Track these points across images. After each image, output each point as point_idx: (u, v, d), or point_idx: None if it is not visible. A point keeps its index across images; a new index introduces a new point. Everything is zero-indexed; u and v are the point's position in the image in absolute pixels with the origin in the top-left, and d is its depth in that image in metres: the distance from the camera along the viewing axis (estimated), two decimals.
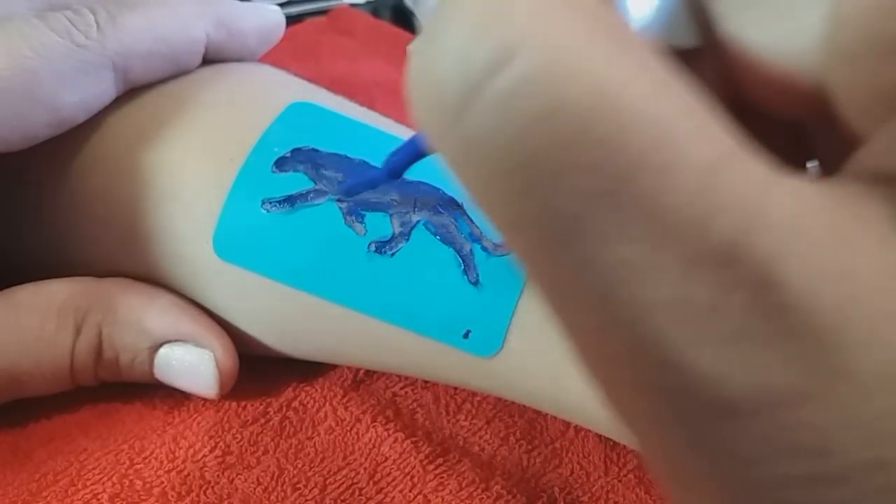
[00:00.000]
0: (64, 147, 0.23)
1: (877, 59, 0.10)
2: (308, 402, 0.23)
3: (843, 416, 0.08)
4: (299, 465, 0.21)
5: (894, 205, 0.09)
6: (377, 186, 0.21)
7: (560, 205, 0.08)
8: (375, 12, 0.51)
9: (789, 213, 0.08)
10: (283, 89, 0.24)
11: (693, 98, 0.09)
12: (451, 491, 0.21)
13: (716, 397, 0.08)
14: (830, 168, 0.11)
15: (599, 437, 0.22)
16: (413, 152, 0.19)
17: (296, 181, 0.22)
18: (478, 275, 0.21)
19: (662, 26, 0.12)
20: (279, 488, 0.21)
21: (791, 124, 0.13)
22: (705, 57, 0.13)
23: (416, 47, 0.09)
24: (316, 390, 0.23)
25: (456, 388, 0.24)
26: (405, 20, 0.50)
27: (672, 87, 0.09)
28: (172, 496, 0.20)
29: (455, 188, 0.22)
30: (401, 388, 0.24)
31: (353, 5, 0.50)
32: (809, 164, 0.14)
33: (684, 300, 0.08)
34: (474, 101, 0.08)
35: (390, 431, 0.22)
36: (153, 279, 0.23)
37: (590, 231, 0.08)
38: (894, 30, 0.09)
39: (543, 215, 0.08)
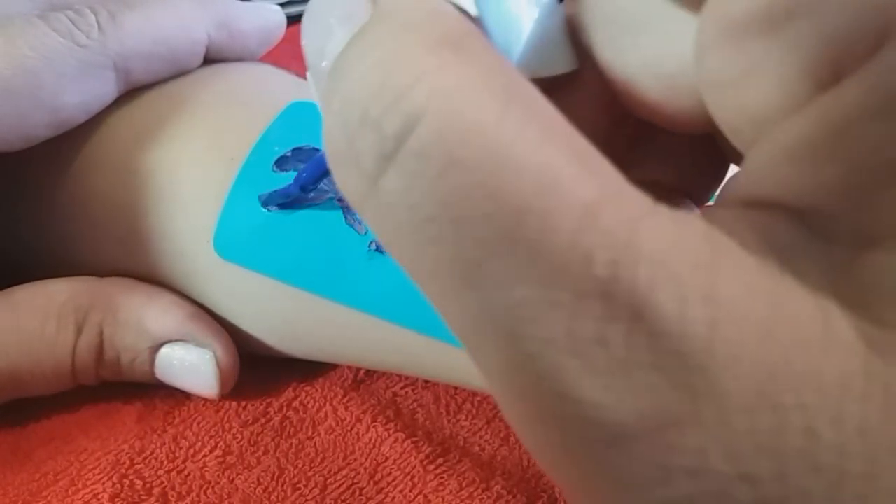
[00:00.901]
0: (64, 147, 0.23)
1: (739, 86, 0.10)
2: (308, 402, 0.23)
3: (712, 435, 0.08)
4: (299, 465, 0.21)
5: (760, 231, 0.09)
6: (292, 198, 0.21)
7: (463, 253, 0.09)
8: None
9: (660, 245, 0.09)
10: (284, 89, 0.24)
11: (578, 141, 0.09)
12: (451, 491, 0.20)
13: (605, 424, 0.09)
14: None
15: None
16: (320, 170, 0.20)
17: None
18: None
19: (541, 55, 0.12)
20: (279, 488, 0.21)
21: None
22: (587, 80, 0.13)
23: (327, 109, 0.10)
24: (316, 390, 0.23)
25: (456, 388, 0.24)
26: None
27: (557, 130, 0.09)
28: (173, 496, 0.20)
29: None
30: (401, 388, 0.24)
31: None
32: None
33: (574, 334, 0.09)
34: (388, 167, 0.09)
35: (391, 431, 0.22)
36: (154, 279, 0.23)
37: (490, 275, 0.09)
38: (747, 56, 0.10)
39: (450, 263, 0.09)
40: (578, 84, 0.13)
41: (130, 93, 0.23)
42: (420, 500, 0.20)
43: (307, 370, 0.24)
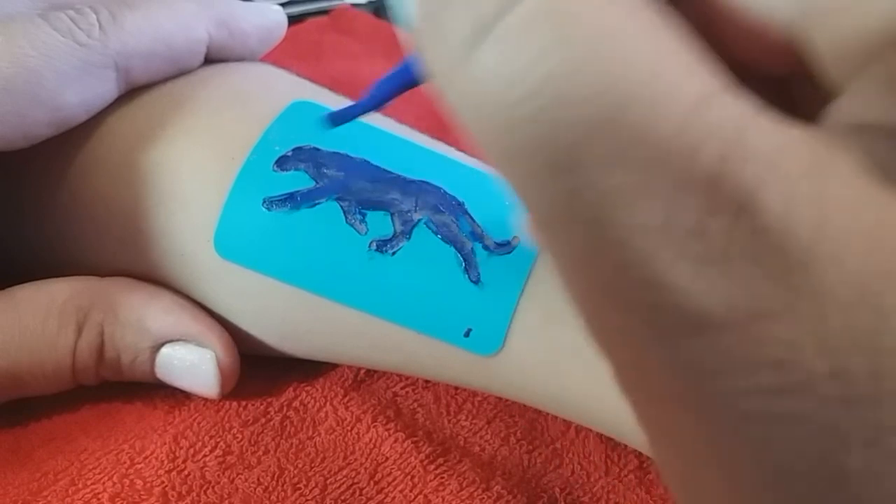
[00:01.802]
0: (65, 147, 0.23)
1: (851, 10, 0.10)
2: (309, 402, 0.23)
3: (806, 329, 0.08)
4: (300, 465, 0.21)
5: (866, 150, 0.09)
6: (362, 114, 0.20)
7: (562, 133, 0.09)
8: (377, 12, 0.51)
9: (768, 144, 0.09)
10: (285, 88, 0.24)
11: (683, 40, 0.09)
12: (451, 491, 0.21)
13: (692, 312, 0.09)
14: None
15: (600, 437, 0.22)
16: (402, 82, 0.19)
17: (297, 180, 0.22)
18: (479, 274, 0.21)
19: None
20: (280, 488, 0.21)
21: (774, 82, 0.13)
22: (688, 9, 0.13)
23: None
24: (316, 390, 0.23)
25: (457, 388, 0.24)
26: None
27: (664, 29, 0.09)
28: (173, 496, 0.20)
29: (456, 188, 0.22)
30: (401, 388, 0.24)
31: (354, 5, 0.50)
32: None
33: (670, 223, 0.09)
34: (484, 39, 0.09)
35: (391, 431, 0.22)
36: (154, 278, 0.23)
37: (587, 158, 0.09)
38: None
39: (544, 143, 0.09)
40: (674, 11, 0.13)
41: (131, 92, 0.23)
42: (420, 500, 0.20)
43: (307, 370, 0.24)
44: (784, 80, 0.13)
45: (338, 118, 0.21)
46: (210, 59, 0.25)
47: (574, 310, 0.10)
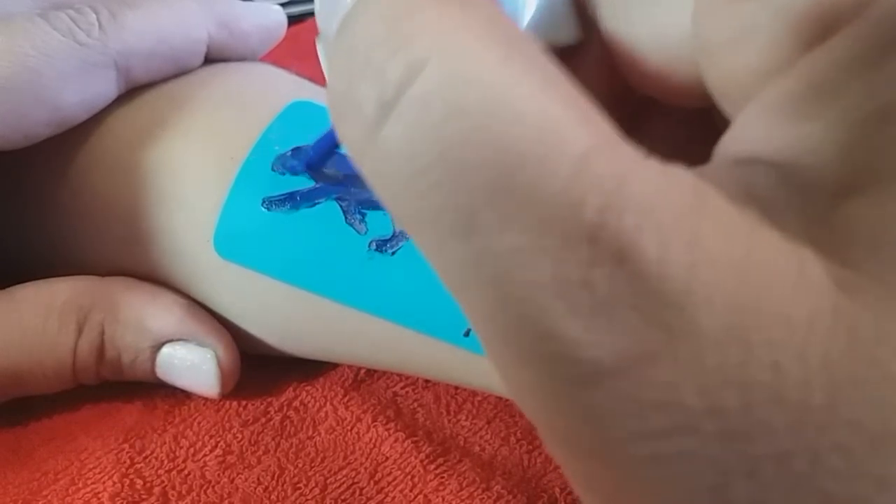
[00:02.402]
0: (65, 146, 0.23)
1: (730, 48, 0.11)
2: (309, 402, 0.23)
3: (684, 370, 0.09)
4: (300, 465, 0.21)
5: (746, 187, 0.10)
6: (297, 174, 0.21)
7: (460, 200, 0.09)
8: None
9: (646, 192, 0.09)
10: (284, 88, 0.24)
11: (574, 91, 0.10)
12: (451, 491, 0.20)
13: (586, 362, 0.09)
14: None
15: None
16: (327, 147, 0.19)
17: (296, 180, 0.22)
18: None
19: (546, 26, 0.13)
20: (280, 488, 0.21)
21: (691, 113, 0.14)
22: (591, 53, 0.14)
23: (332, 62, 0.11)
24: (317, 390, 0.23)
25: (457, 388, 0.24)
26: None
27: (556, 82, 0.10)
28: (173, 495, 0.20)
29: None
30: (401, 388, 0.24)
31: None
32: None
33: (560, 277, 0.09)
34: (389, 114, 0.10)
35: (391, 431, 0.22)
36: (155, 278, 0.23)
37: (484, 222, 0.09)
38: (738, 19, 0.11)
39: (444, 212, 0.09)
40: (582, 58, 0.14)
41: (131, 92, 0.23)
42: (420, 500, 0.20)
43: (307, 370, 0.24)
44: (703, 113, 0.13)
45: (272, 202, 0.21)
46: (210, 59, 0.25)
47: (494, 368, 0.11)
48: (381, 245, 0.21)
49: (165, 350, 0.22)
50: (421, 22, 0.10)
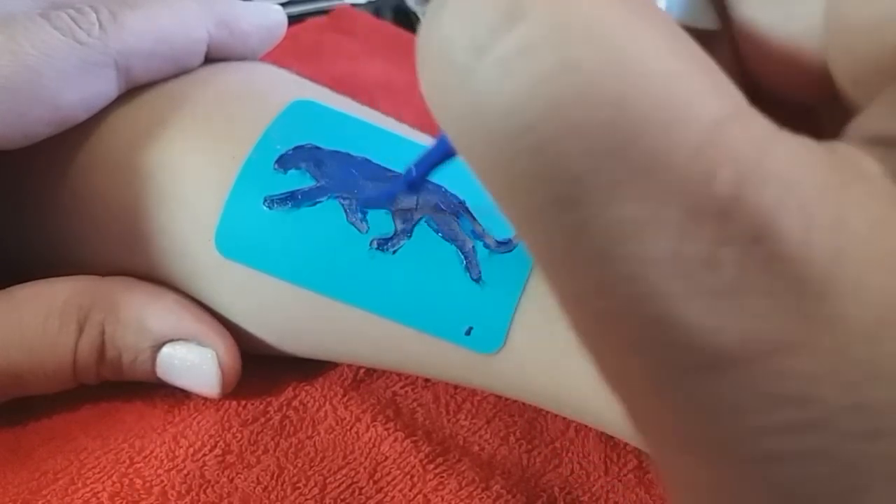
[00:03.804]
0: (65, 146, 0.23)
1: (871, 31, 0.10)
2: (308, 402, 0.23)
3: (826, 363, 0.08)
4: (299, 465, 0.21)
5: (887, 164, 0.09)
6: (395, 197, 0.21)
7: (567, 164, 0.08)
8: (377, 12, 0.51)
9: (786, 168, 0.08)
10: (285, 88, 0.24)
11: (702, 57, 0.09)
12: (450, 490, 0.21)
13: (707, 349, 0.08)
14: None
15: (600, 436, 0.22)
16: (432, 162, 0.19)
17: (298, 179, 0.22)
18: (480, 272, 0.21)
19: (682, 10, 0.12)
20: (279, 487, 0.21)
21: (802, 111, 0.13)
22: (724, 41, 0.13)
23: (427, 11, 0.10)
24: (316, 389, 0.23)
25: (456, 388, 0.24)
26: (407, 20, 0.50)
27: (681, 46, 0.09)
28: (172, 495, 0.20)
29: (457, 186, 0.22)
30: (401, 388, 0.24)
31: (354, 5, 0.50)
32: None
33: (682, 254, 0.08)
34: (482, 60, 0.09)
35: (390, 431, 0.22)
36: (155, 278, 0.23)
37: (594, 189, 0.08)
38: (888, 1, 0.10)
39: (549, 175, 0.09)
40: (714, 47, 0.13)
41: (131, 91, 0.23)
42: (420, 500, 0.20)
43: (307, 369, 0.24)
44: (812, 109, 0.13)
45: (370, 204, 0.21)
46: (210, 59, 0.25)
47: (581, 349, 0.10)
48: (383, 244, 0.21)
49: (166, 350, 0.22)
50: None
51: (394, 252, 0.21)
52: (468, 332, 0.21)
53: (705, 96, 0.09)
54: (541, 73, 0.08)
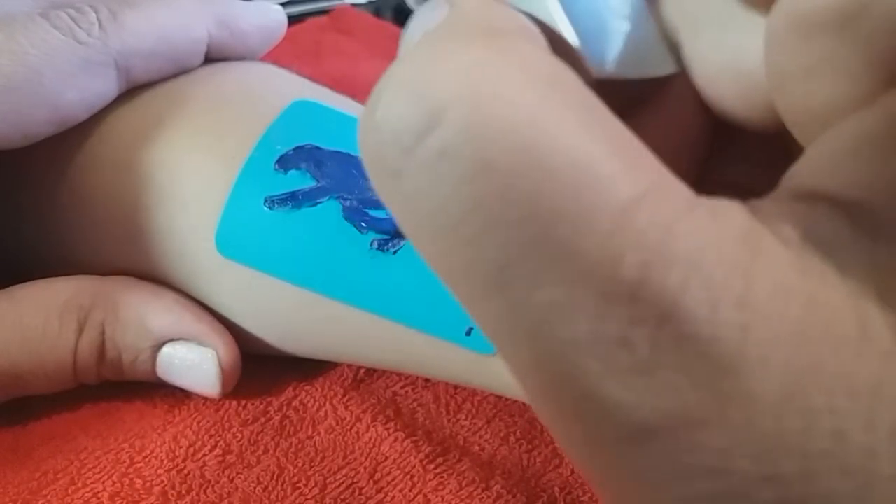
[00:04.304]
0: (65, 146, 0.23)
1: (802, 79, 0.10)
2: (308, 402, 0.23)
3: (736, 437, 0.08)
4: (299, 465, 0.21)
5: (805, 224, 0.09)
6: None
7: (492, 255, 0.09)
8: (377, 12, 0.51)
9: (693, 247, 0.09)
10: (286, 87, 0.24)
11: (620, 132, 0.09)
12: (451, 490, 0.21)
13: (627, 423, 0.09)
14: None
15: None
16: None
17: (298, 179, 0.22)
18: None
19: (637, 60, 0.13)
20: (279, 487, 0.21)
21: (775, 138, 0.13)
22: (686, 80, 0.13)
23: (363, 112, 0.10)
24: (316, 389, 0.23)
25: (456, 388, 0.24)
26: (407, 20, 0.50)
27: (600, 126, 0.09)
28: (172, 495, 0.20)
29: None
30: (401, 388, 0.24)
31: (354, 5, 0.50)
32: None
33: (598, 335, 0.09)
34: (409, 163, 0.09)
35: (390, 431, 0.22)
36: (156, 278, 0.23)
37: (518, 278, 0.09)
38: (814, 52, 0.10)
39: (478, 265, 0.09)
40: (678, 87, 0.13)
41: (131, 91, 0.23)
42: (420, 500, 0.20)
43: (307, 369, 0.24)
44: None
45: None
46: (210, 59, 0.25)
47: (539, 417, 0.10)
48: (383, 244, 0.21)
49: (166, 350, 0.22)
50: (447, 66, 0.09)
51: (394, 252, 0.21)
52: (468, 332, 0.21)
53: (616, 179, 0.09)
54: (460, 174, 0.09)
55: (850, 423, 0.08)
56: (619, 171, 0.09)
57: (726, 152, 0.15)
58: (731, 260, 0.09)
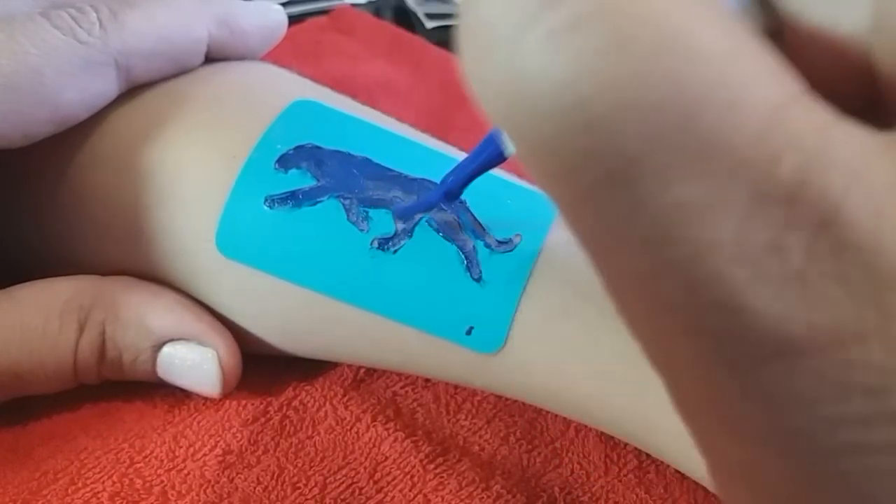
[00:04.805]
0: (65, 145, 0.23)
1: None
2: (308, 402, 0.23)
3: None
4: (299, 465, 0.21)
5: None
6: (433, 208, 0.21)
7: (621, 144, 0.08)
8: (377, 12, 0.51)
9: (854, 154, 0.08)
10: (286, 87, 0.24)
11: (757, 42, 0.09)
12: (451, 490, 0.21)
13: (772, 337, 0.08)
14: None
15: (599, 436, 0.22)
16: (470, 172, 0.19)
17: (299, 178, 0.22)
18: (481, 271, 0.21)
19: (734, 6, 0.12)
20: (279, 487, 0.21)
21: (857, 110, 0.13)
22: (774, 39, 0.13)
23: None
24: (316, 389, 0.23)
25: (456, 388, 0.24)
26: (407, 20, 0.50)
27: (740, 30, 0.09)
28: (172, 495, 0.20)
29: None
30: (401, 388, 0.24)
31: (354, 5, 0.50)
32: None
33: (745, 239, 0.08)
34: (529, 35, 0.08)
35: (390, 431, 0.22)
36: (156, 277, 0.23)
37: (650, 171, 0.08)
38: None
39: (602, 154, 0.08)
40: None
41: (132, 91, 0.23)
42: (420, 500, 0.20)
43: (307, 369, 0.24)
44: (865, 106, 0.13)
45: (408, 213, 0.21)
46: (211, 58, 0.25)
47: (630, 335, 0.09)
48: (384, 243, 0.21)
49: (166, 350, 0.22)
50: None
51: (394, 252, 0.21)
52: (469, 332, 0.21)
53: (765, 79, 0.08)
54: (592, 49, 0.08)
55: None
56: (768, 72, 0.08)
57: None
58: (891, 171, 0.08)
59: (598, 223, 0.09)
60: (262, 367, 0.23)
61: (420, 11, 0.50)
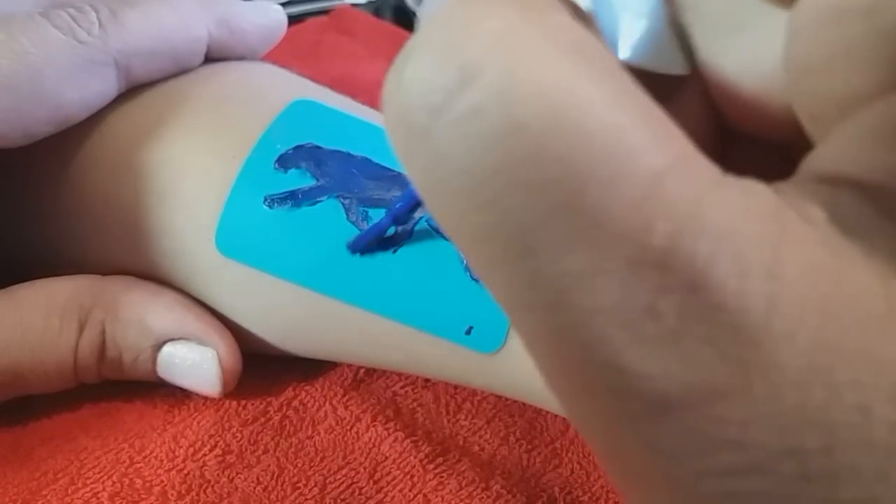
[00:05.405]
0: (65, 145, 0.23)
1: (822, 67, 0.10)
2: (308, 402, 0.23)
3: (761, 409, 0.08)
4: (299, 465, 0.21)
5: (830, 206, 0.09)
6: (384, 234, 0.21)
7: (517, 219, 0.09)
8: (377, 12, 0.51)
9: (722, 218, 0.09)
10: (286, 87, 0.24)
11: (648, 104, 0.09)
12: (450, 490, 0.21)
13: (652, 395, 0.09)
14: None
15: None
16: (415, 199, 0.19)
17: (298, 178, 0.22)
18: None
19: (650, 54, 0.13)
20: (279, 487, 0.21)
21: (778, 148, 0.13)
22: (695, 83, 0.13)
23: (388, 75, 0.10)
24: (316, 389, 0.23)
25: (456, 388, 0.24)
26: (407, 20, 0.50)
27: (629, 96, 0.09)
28: (172, 495, 0.20)
29: None
30: (401, 388, 0.24)
31: (354, 5, 0.50)
32: None
33: (625, 304, 0.09)
34: (438, 123, 0.09)
35: (390, 431, 0.22)
36: (156, 277, 0.23)
37: (543, 244, 0.09)
38: (841, 39, 0.10)
39: (501, 229, 0.09)
40: (685, 89, 0.13)
41: (131, 90, 0.23)
42: (419, 500, 0.20)
43: (307, 369, 0.24)
44: (786, 144, 0.13)
45: (359, 243, 0.21)
46: (210, 58, 0.25)
47: (550, 392, 0.10)
48: (384, 243, 0.21)
49: (166, 349, 0.22)
50: (480, 28, 0.09)
51: (394, 251, 0.21)
52: (468, 332, 0.21)
53: (646, 148, 0.09)
54: (490, 133, 0.09)
55: (874, 397, 0.08)
56: (650, 139, 0.09)
57: (725, 162, 0.15)
58: (759, 234, 0.09)
59: (505, 289, 0.09)
60: (262, 367, 0.23)
61: (420, 12, 0.50)
